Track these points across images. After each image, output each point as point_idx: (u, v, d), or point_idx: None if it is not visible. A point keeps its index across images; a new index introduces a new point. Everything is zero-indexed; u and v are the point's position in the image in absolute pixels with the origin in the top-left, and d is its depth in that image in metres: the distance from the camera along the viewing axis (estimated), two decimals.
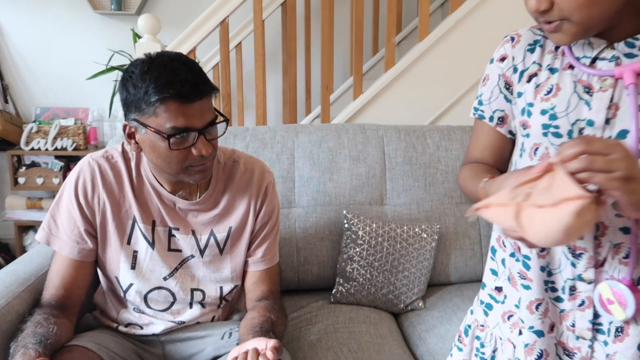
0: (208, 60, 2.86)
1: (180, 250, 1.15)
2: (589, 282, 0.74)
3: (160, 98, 0.93)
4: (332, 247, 1.65)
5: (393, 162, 1.73)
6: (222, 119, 1.05)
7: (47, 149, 2.92)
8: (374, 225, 1.58)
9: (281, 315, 1.13)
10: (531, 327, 0.79)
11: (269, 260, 1.20)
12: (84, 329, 1.16)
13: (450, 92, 2.20)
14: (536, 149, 0.76)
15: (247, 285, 1.21)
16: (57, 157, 3.01)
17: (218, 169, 1.16)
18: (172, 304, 1.16)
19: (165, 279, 1.14)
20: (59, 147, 2.93)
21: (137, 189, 1.12)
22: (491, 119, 0.84)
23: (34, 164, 3.00)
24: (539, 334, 0.79)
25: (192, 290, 1.16)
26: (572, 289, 0.75)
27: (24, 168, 2.99)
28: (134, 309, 1.17)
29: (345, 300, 1.56)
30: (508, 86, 0.80)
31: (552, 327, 0.79)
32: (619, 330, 0.74)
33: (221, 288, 1.18)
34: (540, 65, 0.75)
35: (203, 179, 1.08)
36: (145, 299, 1.15)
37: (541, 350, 0.79)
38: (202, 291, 1.17)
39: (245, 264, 1.20)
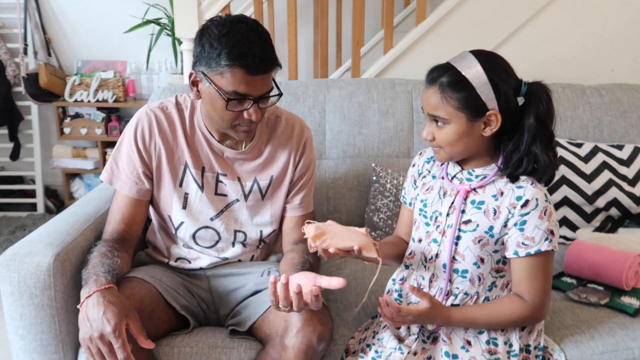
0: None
1: (226, 195, 1.27)
2: None
3: (231, 64, 1.03)
4: (360, 197, 1.74)
5: (421, 117, 1.78)
6: (277, 92, 1.14)
7: (89, 101, 3.05)
8: (401, 178, 1.66)
9: (316, 259, 1.23)
10: None
11: (305, 207, 1.32)
12: (137, 265, 1.29)
13: (481, 46, 2.18)
14: (415, 221, 1.19)
15: (284, 229, 1.32)
16: (99, 109, 3.14)
17: (262, 123, 1.26)
18: (217, 242, 1.29)
19: (212, 219, 1.27)
20: (100, 99, 3.05)
21: (189, 137, 1.24)
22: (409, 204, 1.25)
23: (77, 115, 3.14)
24: None
25: (236, 231, 1.28)
26: None
27: (68, 119, 3.14)
28: (183, 245, 1.31)
29: None
30: (414, 181, 1.22)
31: None
32: None
33: (261, 231, 1.30)
34: (429, 171, 1.19)
35: (246, 139, 1.21)
36: (193, 236, 1.28)
37: None
38: (244, 233, 1.29)
39: (284, 210, 1.31)
